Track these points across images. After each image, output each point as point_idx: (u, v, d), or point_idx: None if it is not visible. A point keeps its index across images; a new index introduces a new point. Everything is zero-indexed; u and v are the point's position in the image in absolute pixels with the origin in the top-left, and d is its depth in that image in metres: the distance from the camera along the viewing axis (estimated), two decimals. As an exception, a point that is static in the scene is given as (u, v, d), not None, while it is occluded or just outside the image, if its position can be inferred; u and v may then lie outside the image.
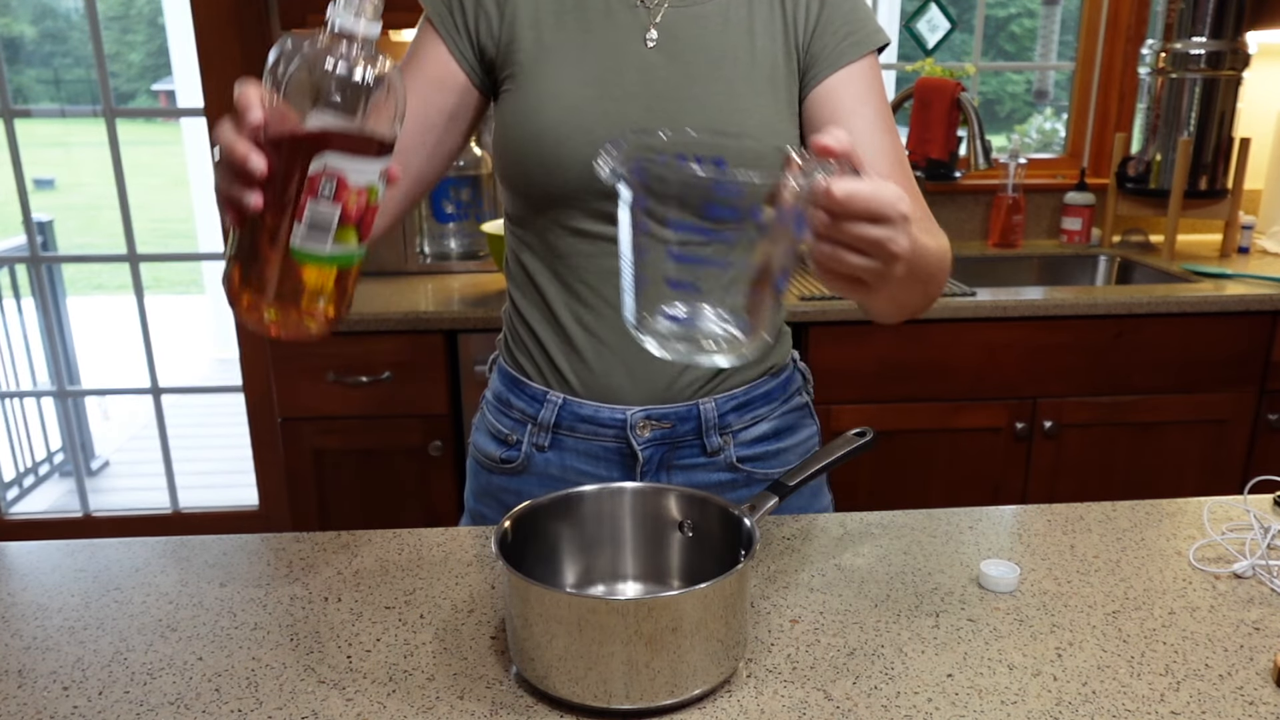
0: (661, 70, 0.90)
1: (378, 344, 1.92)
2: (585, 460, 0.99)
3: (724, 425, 0.99)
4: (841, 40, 0.93)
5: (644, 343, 0.65)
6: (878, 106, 0.93)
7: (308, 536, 0.95)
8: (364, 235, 0.68)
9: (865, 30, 0.94)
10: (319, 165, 0.63)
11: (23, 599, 0.84)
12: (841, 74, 0.93)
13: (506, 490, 1.04)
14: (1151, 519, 0.99)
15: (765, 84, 0.92)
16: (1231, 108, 2.34)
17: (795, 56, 0.94)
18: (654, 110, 0.90)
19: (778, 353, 1.03)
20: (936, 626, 0.79)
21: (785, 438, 1.04)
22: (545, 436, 0.99)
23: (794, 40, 0.93)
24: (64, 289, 3.40)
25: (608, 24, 0.91)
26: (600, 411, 0.97)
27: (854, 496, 2.09)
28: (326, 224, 0.65)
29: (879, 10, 2.63)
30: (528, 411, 1.00)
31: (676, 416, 0.97)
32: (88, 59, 5.67)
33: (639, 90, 0.90)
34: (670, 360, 0.66)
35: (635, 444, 0.97)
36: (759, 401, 1.00)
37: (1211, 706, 0.69)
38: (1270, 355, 2.06)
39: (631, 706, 0.67)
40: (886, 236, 0.61)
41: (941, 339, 1.99)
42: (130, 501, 3.50)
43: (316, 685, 0.72)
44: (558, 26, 0.91)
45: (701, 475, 1.00)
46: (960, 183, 2.56)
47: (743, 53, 0.92)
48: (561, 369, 0.98)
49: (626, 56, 0.90)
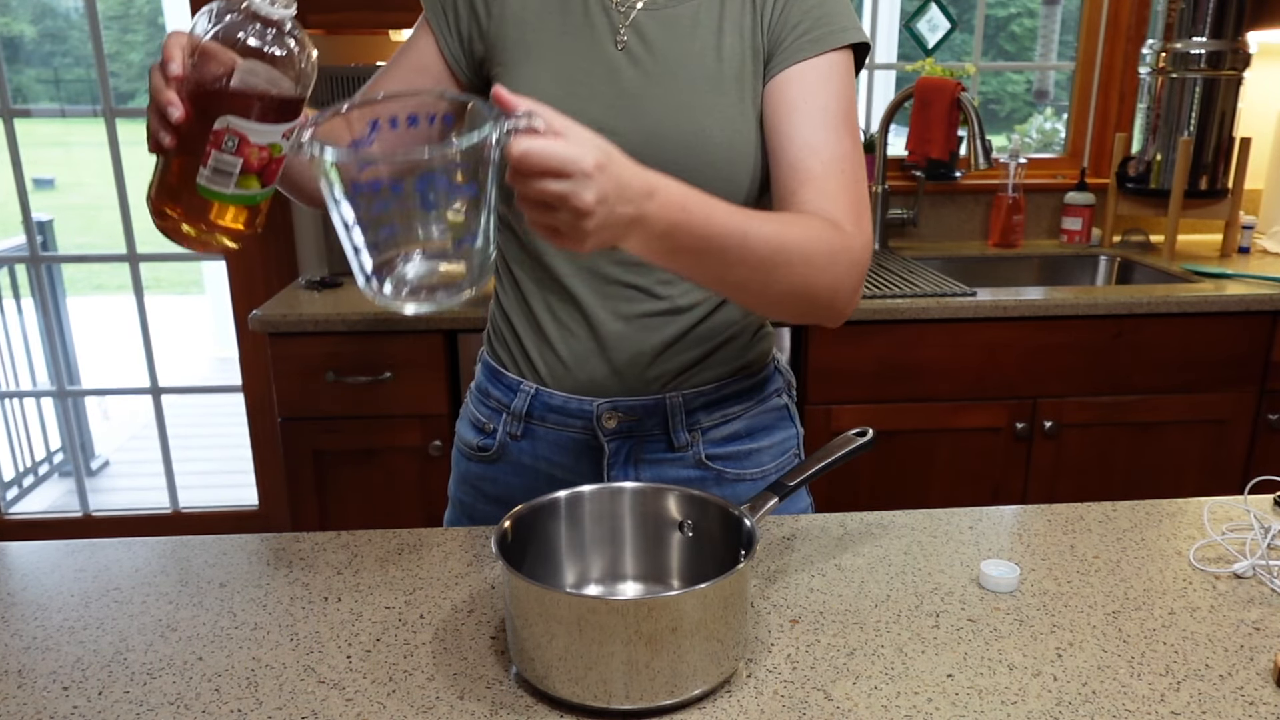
0: (626, 71, 0.92)
1: (378, 344, 1.92)
2: (555, 450, 1.00)
3: (692, 421, 0.99)
4: (800, 36, 0.91)
5: (381, 301, 0.70)
6: (825, 103, 0.90)
7: (308, 536, 0.95)
8: (267, 181, 0.75)
9: (829, 28, 0.91)
10: (223, 124, 0.71)
11: (23, 599, 0.84)
12: (794, 69, 0.91)
13: (483, 478, 1.05)
14: (1151, 519, 0.99)
15: (731, 83, 0.92)
16: (1232, 108, 2.34)
17: (761, 50, 0.93)
18: (614, 108, 0.91)
19: (754, 351, 1.03)
20: (936, 626, 0.79)
21: (759, 438, 1.04)
22: (518, 425, 1.01)
23: (760, 35, 0.93)
24: (64, 289, 3.40)
25: (585, 25, 0.93)
26: (569, 402, 0.98)
27: (854, 496, 2.09)
28: (229, 171, 0.73)
29: (879, 10, 2.62)
30: (503, 400, 1.02)
31: (642, 409, 0.97)
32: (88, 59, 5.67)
33: (603, 89, 0.91)
34: (414, 313, 0.71)
35: (601, 436, 0.98)
36: (731, 399, 1.01)
37: (1211, 707, 0.69)
38: (1270, 355, 2.06)
39: (631, 706, 0.67)
40: (567, 190, 0.64)
41: (941, 339, 1.99)
42: (130, 501, 3.50)
43: (316, 685, 0.72)
44: (540, 27, 0.93)
45: (669, 471, 1.00)
46: (960, 183, 2.56)
47: (709, 52, 0.92)
48: (534, 359, 0.99)
49: (596, 57, 0.92)
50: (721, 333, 0.98)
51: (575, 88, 0.92)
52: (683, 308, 0.96)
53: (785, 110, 0.91)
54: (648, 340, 0.96)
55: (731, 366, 1.01)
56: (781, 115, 0.91)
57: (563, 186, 0.64)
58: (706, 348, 0.98)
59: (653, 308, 0.95)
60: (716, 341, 0.98)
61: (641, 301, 0.95)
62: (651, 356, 0.96)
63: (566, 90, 0.92)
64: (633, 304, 0.95)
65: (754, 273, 0.80)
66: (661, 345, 0.96)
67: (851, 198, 0.88)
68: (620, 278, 0.95)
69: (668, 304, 0.96)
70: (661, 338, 0.96)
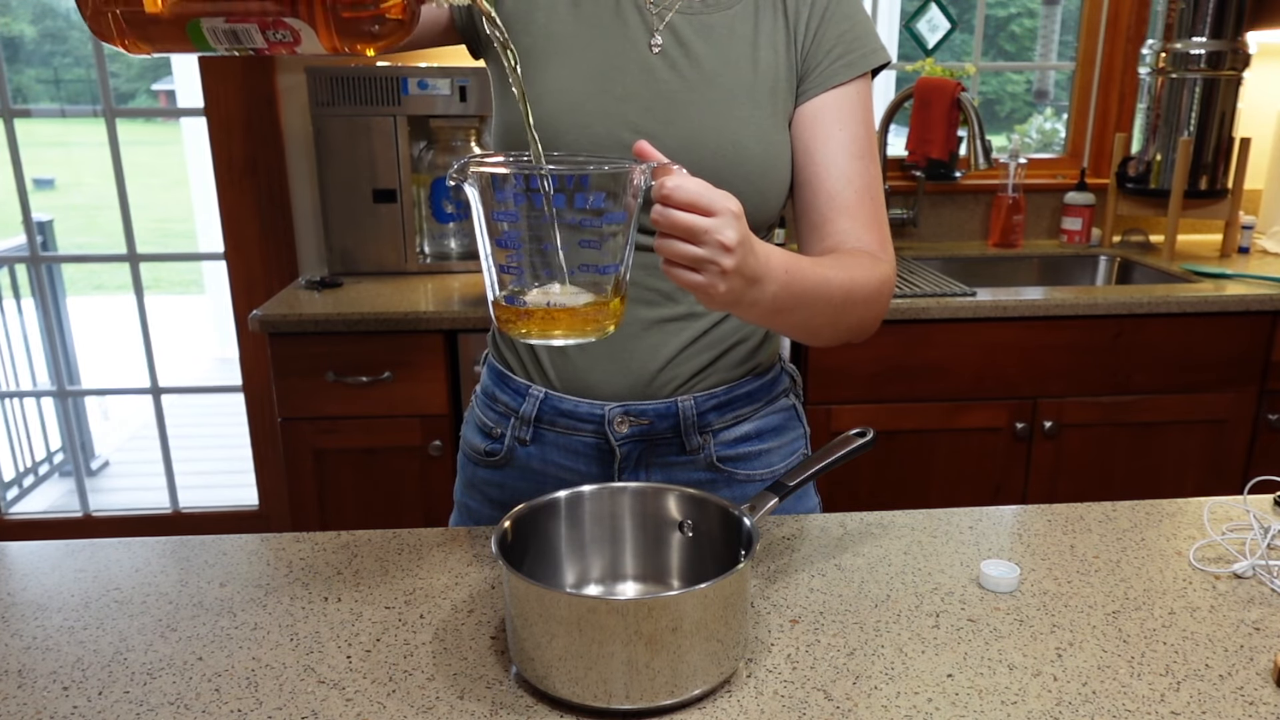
0: (662, 74, 0.91)
1: (378, 344, 1.92)
2: (565, 455, 1.00)
3: (704, 424, 0.99)
4: (835, 60, 0.93)
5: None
6: (855, 131, 0.94)
7: (308, 536, 0.95)
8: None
9: (860, 51, 0.94)
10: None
11: (23, 599, 0.84)
12: (829, 95, 0.94)
13: (490, 483, 1.05)
14: (1151, 519, 0.99)
15: (766, 96, 0.93)
16: (1231, 108, 2.34)
17: (795, 69, 0.94)
18: (652, 111, 0.90)
19: (763, 353, 1.03)
20: (936, 626, 0.79)
21: (768, 439, 1.03)
22: (527, 430, 1.00)
23: (795, 53, 0.94)
24: (64, 289, 3.40)
25: (616, 22, 0.92)
26: (579, 406, 0.97)
27: (854, 496, 2.09)
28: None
29: (879, 10, 2.62)
30: (511, 405, 1.01)
31: (655, 413, 0.97)
32: (88, 59, 5.67)
33: (639, 91, 0.90)
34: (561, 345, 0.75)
35: (613, 440, 0.97)
36: (741, 401, 1.01)
37: (1211, 706, 0.69)
38: (1270, 355, 2.06)
39: (631, 706, 0.67)
40: (712, 225, 0.68)
41: (941, 339, 1.99)
42: (130, 501, 3.50)
43: (316, 685, 0.72)
44: (570, 17, 0.92)
45: (681, 474, 1.00)
46: (960, 183, 2.56)
47: (745, 64, 0.92)
48: (543, 363, 0.99)
49: (630, 57, 0.91)
50: (732, 336, 0.98)
51: (609, 85, 0.90)
52: (696, 314, 0.96)
53: (822, 137, 0.94)
54: (661, 345, 0.95)
55: (742, 369, 1.00)
56: (819, 141, 0.94)
57: (709, 222, 0.68)
58: (718, 351, 0.98)
59: (667, 313, 0.95)
60: (728, 345, 0.98)
61: (656, 307, 0.95)
62: (664, 361, 0.96)
63: (600, 87, 0.90)
64: (647, 309, 0.95)
65: (827, 318, 0.86)
66: (675, 350, 0.96)
67: (881, 224, 0.95)
68: (634, 281, 0.94)
69: (684, 309, 0.95)
70: (676, 343, 0.96)
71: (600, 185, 0.69)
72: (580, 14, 0.92)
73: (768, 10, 0.93)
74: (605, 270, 0.72)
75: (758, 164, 0.91)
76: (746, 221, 0.72)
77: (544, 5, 0.92)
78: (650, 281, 0.94)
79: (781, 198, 0.95)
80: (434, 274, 2.22)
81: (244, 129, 2.37)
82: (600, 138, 0.90)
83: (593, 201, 0.69)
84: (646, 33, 0.91)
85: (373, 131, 2.11)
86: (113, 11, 0.64)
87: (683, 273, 0.71)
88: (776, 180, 0.93)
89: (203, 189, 5.54)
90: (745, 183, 0.90)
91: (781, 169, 0.94)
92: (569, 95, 0.90)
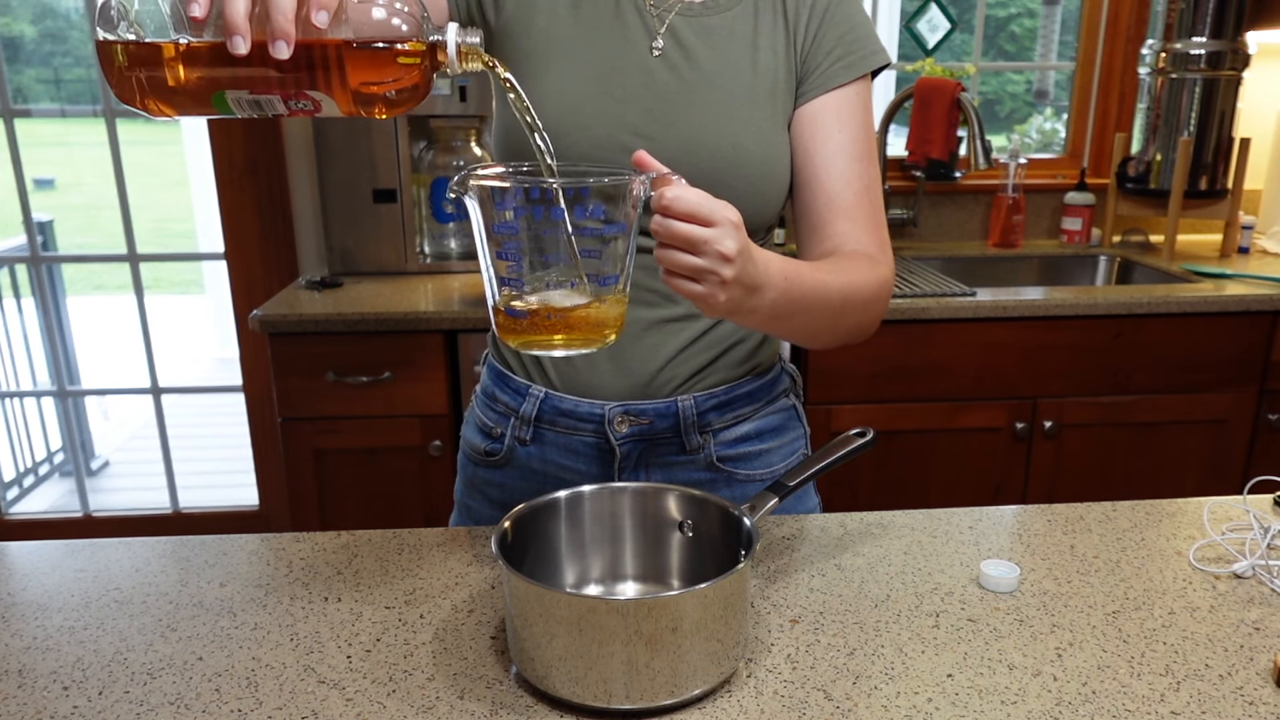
0: (662, 76, 0.91)
1: (378, 344, 1.92)
2: (565, 454, 1.00)
3: (704, 424, 0.99)
4: (834, 62, 0.93)
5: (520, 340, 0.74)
6: (854, 133, 0.94)
7: (308, 536, 0.95)
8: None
9: (860, 52, 0.94)
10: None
11: (23, 599, 0.85)
12: (828, 97, 0.94)
13: (490, 483, 1.05)
14: (1151, 519, 0.99)
15: (765, 97, 0.93)
16: (1231, 108, 2.34)
17: (795, 70, 0.95)
18: (652, 113, 0.90)
19: (763, 353, 1.03)
20: (936, 626, 0.79)
21: (768, 439, 1.04)
22: (527, 430, 1.00)
23: (794, 54, 0.94)
24: (64, 289, 3.40)
25: (616, 25, 0.92)
26: (580, 406, 0.97)
27: (854, 496, 2.09)
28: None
29: (879, 10, 2.62)
30: (511, 405, 1.01)
31: (655, 413, 0.97)
32: (88, 59, 5.66)
33: (639, 93, 0.90)
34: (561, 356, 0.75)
35: (613, 439, 0.97)
36: (741, 401, 1.01)
37: (1211, 707, 0.69)
38: (1270, 355, 2.06)
39: (631, 706, 0.67)
40: (712, 235, 0.68)
41: (941, 339, 1.99)
42: (130, 501, 3.50)
43: (316, 685, 0.72)
44: (571, 20, 0.92)
45: (681, 473, 1.00)
46: (960, 183, 2.56)
47: (745, 65, 0.92)
48: (543, 363, 0.99)
49: (630, 59, 0.91)
50: (732, 337, 0.98)
51: (610, 88, 0.91)
52: (696, 314, 0.96)
53: (821, 139, 0.94)
54: (661, 345, 0.96)
55: (742, 369, 1.01)
56: (818, 143, 0.94)
57: (709, 232, 0.68)
58: (717, 351, 0.98)
59: (666, 314, 0.95)
60: (727, 345, 0.98)
61: (655, 308, 0.95)
62: (664, 361, 0.96)
63: (601, 90, 0.90)
64: (647, 310, 0.95)
65: (826, 323, 0.87)
66: (674, 350, 0.96)
67: (880, 226, 0.96)
68: (634, 282, 0.94)
69: (683, 310, 0.95)
70: (675, 343, 0.96)
71: (600, 196, 0.69)
72: (580, 17, 0.92)
73: (767, 12, 0.94)
74: (606, 280, 0.72)
75: (757, 165, 0.91)
76: (746, 223, 0.72)
77: (544, 8, 0.92)
78: (650, 282, 0.94)
79: (781, 199, 0.95)
80: (434, 274, 2.22)
81: (244, 129, 2.36)
82: (600, 140, 0.90)
83: (593, 212, 0.69)
84: (647, 35, 0.92)
85: (373, 131, 2.11)
86: (138, 78, 0.67)
87: (683, 282, 0.71)
88: (776, 182, 0.94)
89: (203, 189, 5.54)
90: (745, 184, 0.90)
91: (781, 170, 0.94)
92: (569, 98, 0.90)
